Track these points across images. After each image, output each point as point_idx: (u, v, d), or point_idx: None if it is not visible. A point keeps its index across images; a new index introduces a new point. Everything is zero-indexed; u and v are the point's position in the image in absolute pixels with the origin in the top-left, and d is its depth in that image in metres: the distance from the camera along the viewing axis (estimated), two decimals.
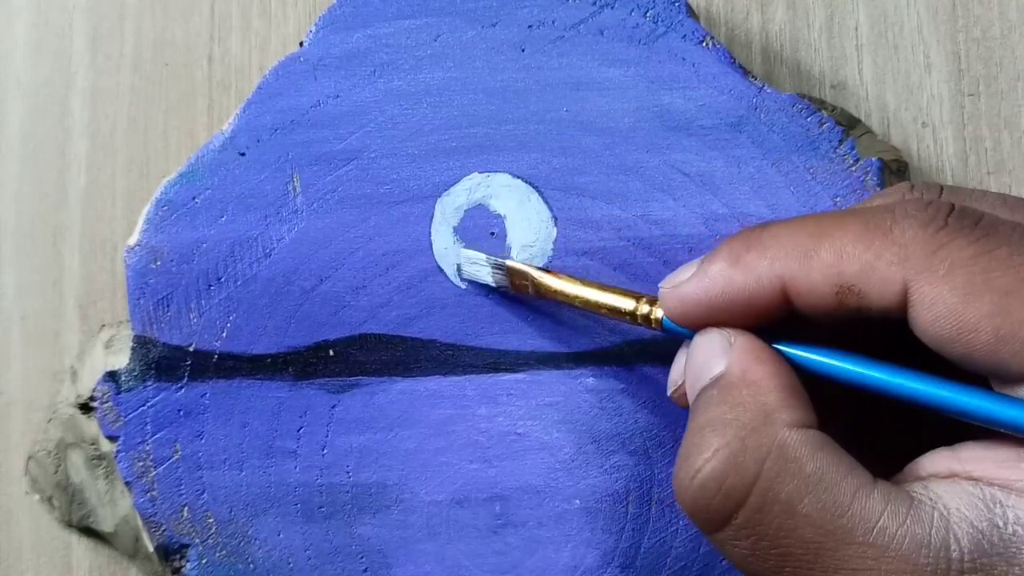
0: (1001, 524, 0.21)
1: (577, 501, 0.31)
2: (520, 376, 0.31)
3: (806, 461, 0.22)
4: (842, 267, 0.23)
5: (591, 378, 0.31)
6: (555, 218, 0.32)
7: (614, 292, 0.28)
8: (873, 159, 0.31)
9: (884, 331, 0.25)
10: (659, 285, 0.26)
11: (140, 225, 0.32)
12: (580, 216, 0.31)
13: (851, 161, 0.31)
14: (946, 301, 0.22)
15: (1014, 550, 0.21)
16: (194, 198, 0.32)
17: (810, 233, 0.24)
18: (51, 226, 0.35)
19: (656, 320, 0.27)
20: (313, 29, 0.32)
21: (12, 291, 0.35)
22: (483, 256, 0.31)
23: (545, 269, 0.30)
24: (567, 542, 0.31)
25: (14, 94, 0.36)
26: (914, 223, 0.23)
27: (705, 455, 0.23)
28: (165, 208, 0.32)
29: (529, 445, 0.31)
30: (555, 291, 0.29)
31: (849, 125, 0.34)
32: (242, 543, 0.31)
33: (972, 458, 0.23)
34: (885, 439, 0.26)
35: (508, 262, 0.30)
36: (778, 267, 0.24)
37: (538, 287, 0.29)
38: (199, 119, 0.36)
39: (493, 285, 0.31)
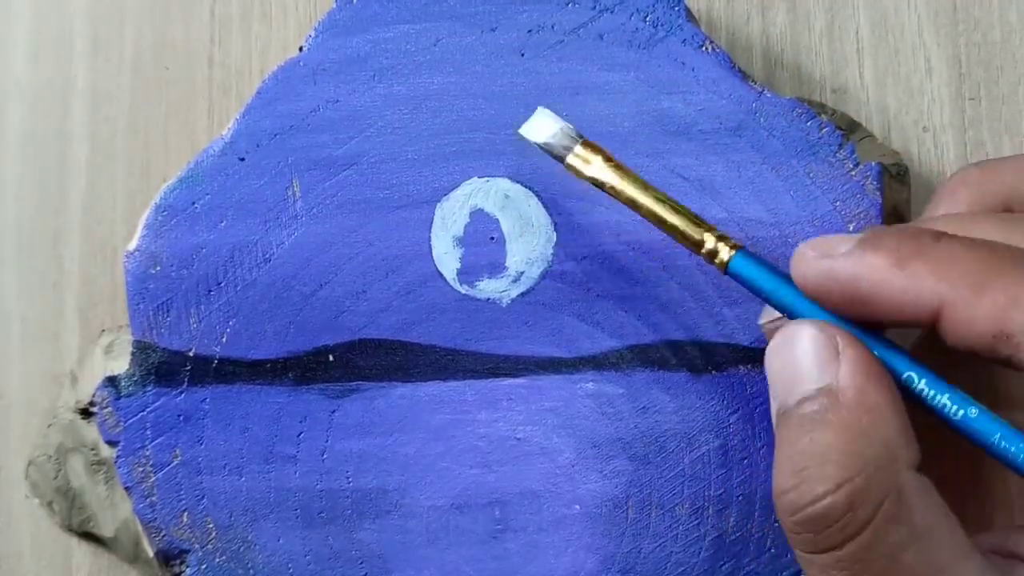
0: None
1: (577, 506, 0.31)
2: (520, 381, 0.31)
3: (917, 511, 0.22)
4: (1012, 314, 0.21)
5: (591, 383, 0.31)
6: (555, 223, 0.32)
7: (682, 215, 0.27)
8: (873, 163, 0.31)
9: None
10: (803, 245, 0.24)
11: (139, 230, 0.32)
12: (580, 221, 0.31)
13: (851, 165, 0.31)
14: None
15: None
16: (194, 203, 0.32)
17: (985, 262, 0.22)
18: (51, 229, 0.35)
19: (722, 262, 0.26)
20: (313, 33, 0.32)
21: (12, 293, 0.35)
22: (560, 122, 0.29)
23: (618, 164, 0.28)
24: (567, 547, 0.31)
25: (14, 96, 0.36)
26: None
27: (827, 486, 0.22)
28: (165, 213, 0.32)
29: (529, 450, 0.31)
30: (616, 189, 0.28)
31: (849, 129, 0.34)
32: (242, 548, 0.31)
33: None
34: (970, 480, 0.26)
35: (584, 138, 0.29)
36: (944, 289, 0.22)
37: (599, 182, 0.28)
38: (199, 122, 0.36)
39: (546, 150, 0.29)
